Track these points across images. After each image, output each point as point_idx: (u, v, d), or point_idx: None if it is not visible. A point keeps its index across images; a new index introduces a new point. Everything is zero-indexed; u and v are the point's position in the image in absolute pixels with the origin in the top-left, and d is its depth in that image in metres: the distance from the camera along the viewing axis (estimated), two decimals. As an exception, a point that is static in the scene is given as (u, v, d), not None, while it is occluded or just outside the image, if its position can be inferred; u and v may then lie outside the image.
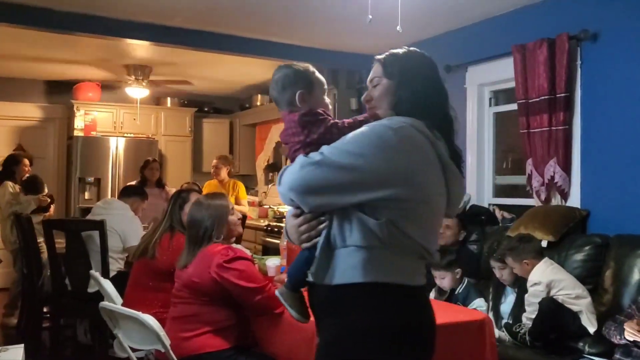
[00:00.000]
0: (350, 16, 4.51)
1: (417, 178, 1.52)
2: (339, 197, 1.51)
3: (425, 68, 1.73)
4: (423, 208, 1.55)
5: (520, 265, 3.30)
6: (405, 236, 1.52)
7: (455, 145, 1.66)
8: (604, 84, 3.73)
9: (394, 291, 1.53)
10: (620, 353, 2.84)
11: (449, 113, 1.68)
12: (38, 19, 4.56)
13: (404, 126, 1.54)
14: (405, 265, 1.55)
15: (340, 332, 1.56)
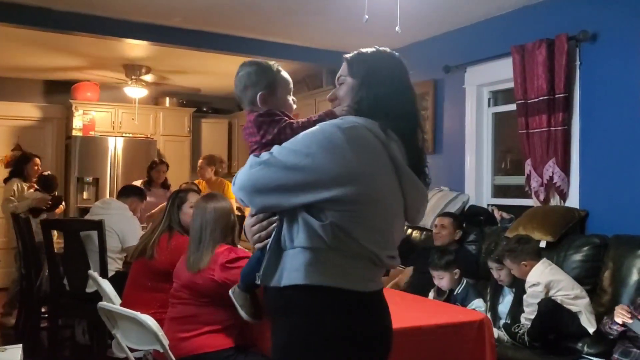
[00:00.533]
0: (349, 16, 4.51)
1: (364, 179, 1.48)
2: (286, 197, 1.49)
3: (390, 69, 1.69)
4: (372, 211, 1.51)
5: (519, 266, 3.30)
6: (351, 239, 1.49)
7: (418, 149, 1.62)
8: (602, 84, 3.74)
9: (338, 296, 1.49)
10: (618, 353, 2.85)
11: (413, 116, 1.65)
12: (36, 19, 4.56)
13: (354, 126, 1.50)
14: (352, 270, 1.51)
15: (288, 333, 1.55)
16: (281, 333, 1.57)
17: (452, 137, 4.96)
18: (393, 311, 2.80)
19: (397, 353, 2.35)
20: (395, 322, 2.46)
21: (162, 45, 5.23)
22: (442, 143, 5.08)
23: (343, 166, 1.46)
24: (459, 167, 4.86)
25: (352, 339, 1.51)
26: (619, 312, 2.77)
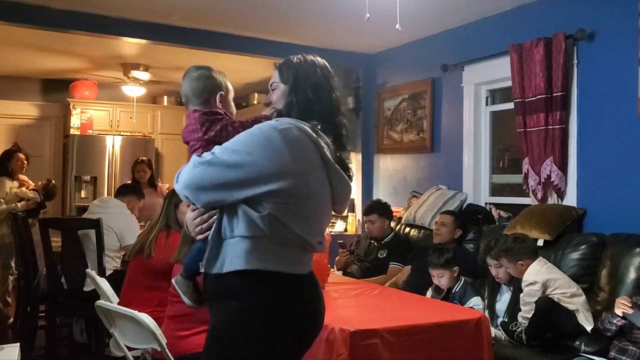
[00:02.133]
0: (348, 15, 4.51)
1: (298, 175, 1.65)
2: (228, 193, 1.64)
3: (316, 75, 1.82)
4: (304, 203, 1.68)
5: (515, 265, 3.30)
6: (286, 228, 1.65)
7: (343, 147, 1.81)
8: (600, 83, 3.74)
9: (273, 278, 1.66)
10: (615, 351, 2.85)
11: (337, 119, 1.82)
12: (34, 17, 4.55)
13: (289, 127, 1.66)
14: (286, 255, 1.68)
15: (222, 316, 1.69)
16: (217, 316, 1.71)
17: (450, 136, 4.97)
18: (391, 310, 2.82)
19: (396, 351, 2.36)
20: (394, 321, 2.48)
21: (160, 43, 5.22)
22: (440, 142, 5.09)
23: (279, 163, 1.62)
24: (456, 166, 4.87)
25: (284, 317, 1.66)
26: (620, 303, 2.78)
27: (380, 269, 4.38)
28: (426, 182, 5.18)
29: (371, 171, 5.98)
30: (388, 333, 2.35)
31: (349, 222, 6.00)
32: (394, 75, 5.67)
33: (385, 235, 4.53)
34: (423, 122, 5.24)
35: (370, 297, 3.03)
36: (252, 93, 7.85)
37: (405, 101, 5.46)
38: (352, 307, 2.85)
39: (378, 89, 5.83)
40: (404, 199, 5.28)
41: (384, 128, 5.71)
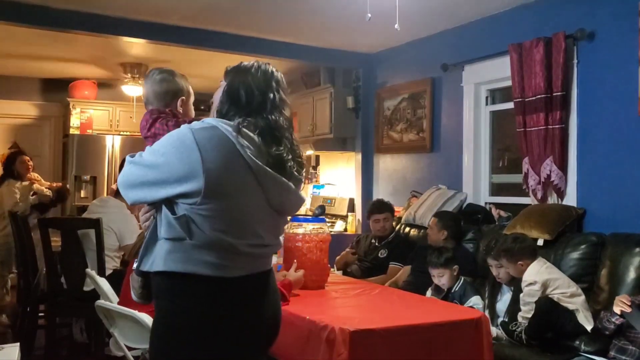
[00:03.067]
0: (348, 14, 4.51)
1: (210, 176, 1.62)
2: (149, 192, 1.69)
3: (253, 76, 1.81)
4: (222, 204, 1.66)
5: (515, 266, 3.30)
6: (201, 230, 1.65)
7: (280, 151, 1.75)
8: (600, 82, 3.74)
9: (191, 280, 1.67)
10: (615, 350, 2.86)
11: (272, 117, 1.77)
12: (34, 17, 4.55)
13: (204, 127, 1.66)
14: (206, 258, 1.66)
15: (156, 315, 1.76)
16: (155, 314, 1.78)
17: (450, 136, 4.97)
18: (391, 310, 2.82)
19: (396, 351, 2.36)
20: (394, 321, 2.48)
21: (160, 43, 5.22)
22: (439, 141, 5.09)
23: (190, 164, 1.62)
24: (456, 166, 4.87)
25: (202, 319, 1.67)
26: (619, 301, 2.78)
27: (380, 268, 4.38)
28: (426, 181, 5.18)
29: (371, 171, 5.98)
30: (388, 333, 2.35)
31: (348, 222, 6.00)
32: (394, 74, 5.66)
33: (388, 234, 4.54)
34: (423, 122, 5.23)
35: (370, 297, 3.03)
36: (252, 93, 7.84)
37: (405, 101, 5.46)
38: (352, 306, 2.85)
39: (378, 89, 5.83)
40: (404, 199, 5.28)
41: (384, 128, 5.71)
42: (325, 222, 3.42)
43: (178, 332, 1.69)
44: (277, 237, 1.86)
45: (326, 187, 6.75)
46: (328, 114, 6.03)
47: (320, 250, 3.15)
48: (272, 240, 1.82)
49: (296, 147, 1.83)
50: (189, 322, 1.68)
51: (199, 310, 1.68)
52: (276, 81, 1.84)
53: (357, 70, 6.06)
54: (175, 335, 1.69)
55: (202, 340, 1.68)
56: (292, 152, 1.80)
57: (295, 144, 1.83)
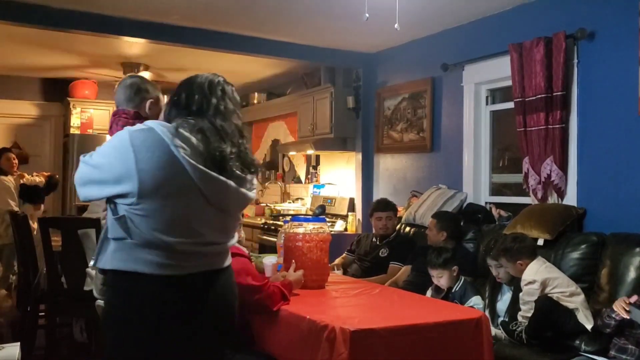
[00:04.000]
0: (348, 14, 4.51)
1: (144, 176, 1.70)
2: (95, 190, 1.78)
3: (197, 81, 1.94)
4: (158, 203, 1.73)
5: (514, 265, 3.30)
6: (139, 230, 1.73)
7: (220, 150, 1.80)
8: (600, 82, 3.74)
9: (131, 277, 1.75)
10: (615, 350, 2.85)
11: (213, 119, 1.84)
12: (34, 16, 4.55)
13: (141, 129, 1.76)
14: (145, 256, 1.73)
15: (104, 307, 1.89)
16: (104, 307, 1.89)
17: (450, 135, 4.97)
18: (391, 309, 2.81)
19: (396, 351, 2.36)
20: (394, 320, 2.48)
21: (160, 43, 5.22)
22: (440, 141, 5.09)
23: (124, 165, 1.71)
24: (456, 165, 4.87)
25: (147, 317, 1.75)
26: (619, 306, 2.78)
27: (380, 268, 4.38)
28: (426, 181, 5.18)
29: (371, 171, 5.98)
30: (388, 332, 2.35)
31: (349, 222, 5.99)
32: (394, 74, 5.66)
33: (390, 233, 4.55)
34: (423, 122, 5.23)
35: (370, 297, 3.03)
36: (252, 92, 7.84)
37: (405, 100, 5.46)
38: (352, 306, 2.85)
39: (378, 89, 5.83)
40: (404, 199, 5.28)
41: (384, 127, 5.71)
42: (325, 222, 3.42)
43: (121, 326, 1.79)
44: (226, 234, 1.90)
45: (326, 186, 6.74)
46: (328, 113, 6.03)
47: (320, 250, 3.15)
48: (219, 238, 1.87)
49: (244, 151, 1.89)
50: (131, 318, 1.76)
51: (141, 306, 1.75)
52: (222, 90, 1.94)
53: (357, 70, 6.06)
54: (119, 329, 1.79)
55: (143, 335, 1.76)
56: (238, 154, 1.86)
57: (244, 149, 1.89)
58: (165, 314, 1.77)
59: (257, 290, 2.60)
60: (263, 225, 6.40)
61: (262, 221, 6.56)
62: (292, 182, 7.63)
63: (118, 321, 1.80)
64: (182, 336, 1.80)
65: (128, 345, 1.78)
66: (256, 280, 2.62)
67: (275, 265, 3.26)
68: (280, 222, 5.90)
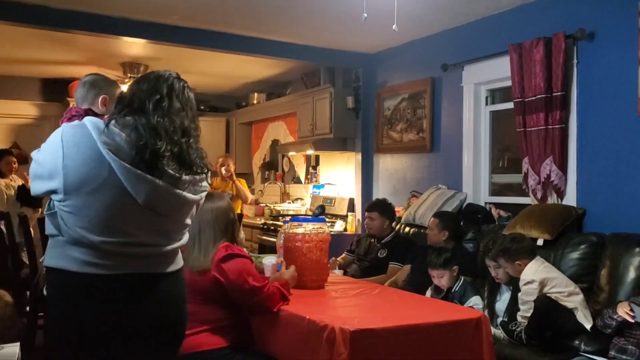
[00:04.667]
0: (347, 14, 4.51)
1: (69, 172, 1.71)
2: (38, 185, 1.80)
3: (144, 80, 1.89)
4: (83, 200, 1.71)
5: (513, 265, 3.31)
6: (68, 227, 1.73)
7: (154, 147, 1.75)
8: (600, 83, 3.74)
9: (62, 276, 1.76)
10: (615, 350, 2.86)
11: (153, 120, 1.79)
12: (34, 17, 4.55)
13: (74, 125, 1.77)
14: (71, 253, 1.73)
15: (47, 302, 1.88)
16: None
17: (450, 136, 4.97)
18: (391, 309, 2.82)
19: (396, 351, 2.36)
20: (394, 320, 2.48)
21: (160, 43, 5.22)
22: (439, 141, 5.09)
23: (54, 161, 1.73)
24: (456, 166, 4.87)
25: (74, 316, 1.75)
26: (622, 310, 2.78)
27: (380, 268, 4.38)
28: (426, 181, 5.18)
29: (371, 171, 5.98)
30: (388, 332, 2.35)
31: (348, 222, 6.00)
32: (394, 74, 5.66)
33: (386, 234, 4.54)
34: (423, 122, 5.23)
35: (370, 297, 3.03)
36: (252, 93, 7.84)
37: (405, 101, 5.46)
38: (352, 306, 2.85)
39: (378, 89, 5.83)
40: (404, 199, 5.29)
41: (384, 128, 5.71)
42: (325, 222, 3.42)
43: (54, 321, 1.82)
44: (165, 237, 1.84)
45: (326, 187, 6.74)
46: (328, 113, 6.03)
47: (320, 250, 3.15)
48: (155, 240, 1.81)
49: (185, 150, 1.83)
50: (61, 314, 1.78)
51: (68, 303, 1.76)
52: (169, 87, 1.87)
53: (357, 70, 6.06)
54: (52, 324, 1.84)
55: (71, 332, 1.75)
56: (177, 153, 1.80)
57: (185, 148, 1.83)
58: (90, 312, 1.74)
59: (257, 292, 2.60)
60: (263, 225, 6.40)
61: (261, 221, 6.56)
62: (292, 183, 7.63)
63: (51, 318, 1.84)
64: (108, 337, 1.76)
65: (60, 342, 1.80)
66: (257, 281, 2.62)
67: (275, 265, 3.26)
68: (280, 223, 5.90)
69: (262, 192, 7.77)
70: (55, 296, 1.80)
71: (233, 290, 2.60)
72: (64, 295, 1.76)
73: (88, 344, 1.75)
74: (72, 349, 1.76)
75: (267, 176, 8.07)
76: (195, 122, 1.94)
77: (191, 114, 1.92)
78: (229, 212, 2.77)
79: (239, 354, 2.61)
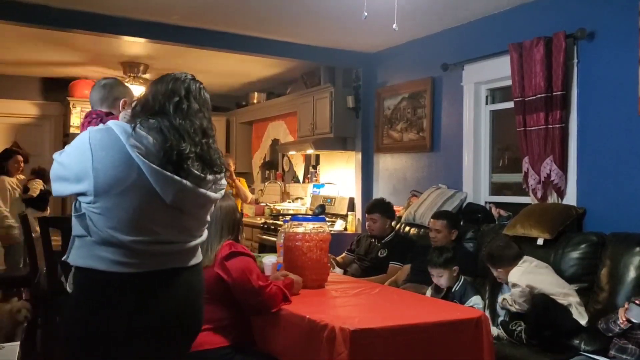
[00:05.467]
0: (347, 14, 4.51)
1: (98, 174, 1.75)
2: (62, 186, 1.83)
3: (163, 82, 1.96)
4: (112, 201, 1.76)
5: (498, 273, 3.44)
6: (97, 227, 1.78)
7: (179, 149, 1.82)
8: (600, 82, 3.74)
9: (91, 275, 1.81)
10: (615, 350, 2.86)
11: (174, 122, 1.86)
12: (34, 16, 4.55)
13: (100, 129, 1.81)
14: (100, 253, 1.79)
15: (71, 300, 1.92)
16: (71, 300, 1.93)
17: (450, 135, 4.97)
18: (391, 309, 2.81)
19: (396, 350, 2.36)
20: (394, 320, 2.48)
21: (160, 42, 5.22)
22: (439, 141, 5.09)
23: (82, 164, 1.77)
24: (456, 165, 4.87)
25: (94, 311, 1.81)
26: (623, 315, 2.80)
27: (380, 268, 4.38)
28: (426, 181, 5.18)
29: (371, 170, 5.98)
30: (388, 332, 2.35)
31: (348, 221, 6.00)
32: (394, 74, 5.66)
33: (386, 234, 4.54)
34: (423, 121, 5.23)
35: (370, 296, 3.03)
36: (252, 92, 7.84)
37: (405, 100, 5.46)
38: (352, 306, 2.85)
39: (378, 88, 5.83)
40: (404, 198, 5.29)
41: (384, 127, 5.71)
42: (325, 222, 3.42)
43: (79, 318, 1.84)
44: (187, 234, 1.91)
45: (326, 186, 6.75)
46: (328, 113, 6.03)
47: (320, 250, 3.15)
48: (178, 238, 1.88)
49: (206, 151, 1.90)
50: (89, 311, 1.82)
51: (95, 301, 1.81)
52: (186, 89, 1.95)
53: (357, 69, 6.06)
54: (75, 322, 1.86)
55: (95, 329, 1.80)
56: (199, 153, 1.87)
57: (206, 149, 1.90)
58: (119, 310, 1.80)
59: (260, 291, 2.60)
60: (263, 224, 6.40)
61: (261, 221, 6.56)
62: (292, 182, 7.63)
63: (76, 315, 1.86)
64: (130, 334, 1.82)
65: (82, 339, 1.84)
66: (260, 280, 2.62)
67: (275, 264, 3.26)
68: (280, 222, 5.91)
69: (262, 192, 7.77)
70: (83, 294, 1.84)
71: (236, 288, 2.60)
72: (92, 294, 1.81)
73: (114, 340, 1.81)
74: (97, 345, 1.81)
75: (267, 175, 8.07)
76: (211, 122, 2.00)
77: (208, 115, 1.99)
78: (236, 211, 2.81)
79: (239, 353, 2.61)
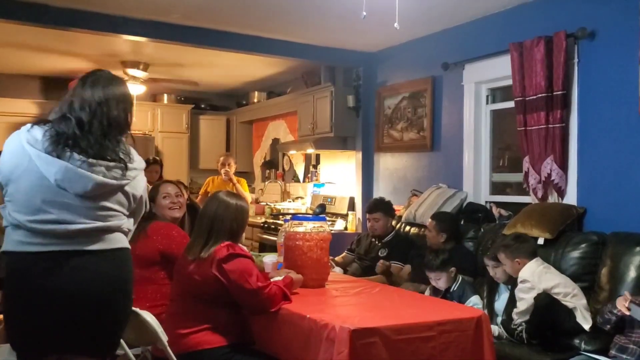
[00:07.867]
0: (348, 13, 4.50)
1: (4, 168, 2.07)
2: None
3: (81, 82, 2.18)
4: (14, 187, 2.05)
5: (512, 263, 3.31)
6: (9, 215, 2.05)
7: (65, 136, 2.05)
8: (601, 82, 3.74)
9: (6, 257, 2.08)
10: (615, 349, 2.86)
11: (74, 115, 2.09)
12: (34, 15, 4.55)
13: (15, 132, 2.11)
14: (14, 236, 2.05)
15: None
16: None
17: (451, 135, 4.97)
18: (391, 308, 2.82)
19: (396, 350, 2.36)
20: (394, 319, 2.48)
21: (161, 41, 5.22)
22: (440, 140, 5.09)
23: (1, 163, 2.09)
24: (457, 164, 4.87)
25: (12, 288, 2.07)
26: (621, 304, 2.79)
27: (380, 267, 4.38)
28: (426, 180, 5.18)
29: (371, 170, 5.98)
30: (388, 331, 2.35)
31: (349, 221, 6.00)
32: (395, 73, 5.66)
33: (387, 233, 4.54)
34: (423, 121, 5.23)
35: (370, 296, 3.03)
36: (252, 91, 7.85)
37: (405, 100, 5.46)
38: (352, 305, 2.85)
39: (378, 88, 5.82)
40: (404, 198, 5.29)
41: (384, 127, 5.71)
42: (325, 221, 3.42)
43: (5, 298, 2.09)
44: (75, 215, 2.05)
45: (326, 185, 6.75)
46: (328, 112, 6.03)
47: (320, 249, 3.15)
48: (75, 219, 2.04)
49: (98, 140, 2.08)
50: (6, 292, 2.08)
51: (10, 282, 2.07)
52: (94, 80, 2.17)
53: (357, 69, 6.06)
54: (4, 298, 2.09)
55: (13, 306, 2.07)
56: (89, 141, 2.06)
57: (99, 137, 2.09)
58: (26, 288, 2.03)
59: (258, 292, 2.60)
60: (263, 224, 6.40)
61: (262, 220, 6.56)
62: (292, 181, 7.63)
63: (4, 295, 2.09)
64: (33, 310, 2.03)
65: (10, 318, 2.09)
66: (259, 281, 2.62)
67: (275, 264, 3.26)
68: (281, 221, 5.90)
69: (262, 191, 7.77)
70: (6, 276, 2.07)
71: (234, 290, 2.60)
72: (8, 275, 2.06)
73: (28, 317, 2.03)
74: (19, 323, 2.07)
75: (268, 175, 8.07)
76: (119, 114, 2.21)
77: (114, 105, 2.19)
78: (247, 213, 2.86)
79: (238, 353, 2.61)
